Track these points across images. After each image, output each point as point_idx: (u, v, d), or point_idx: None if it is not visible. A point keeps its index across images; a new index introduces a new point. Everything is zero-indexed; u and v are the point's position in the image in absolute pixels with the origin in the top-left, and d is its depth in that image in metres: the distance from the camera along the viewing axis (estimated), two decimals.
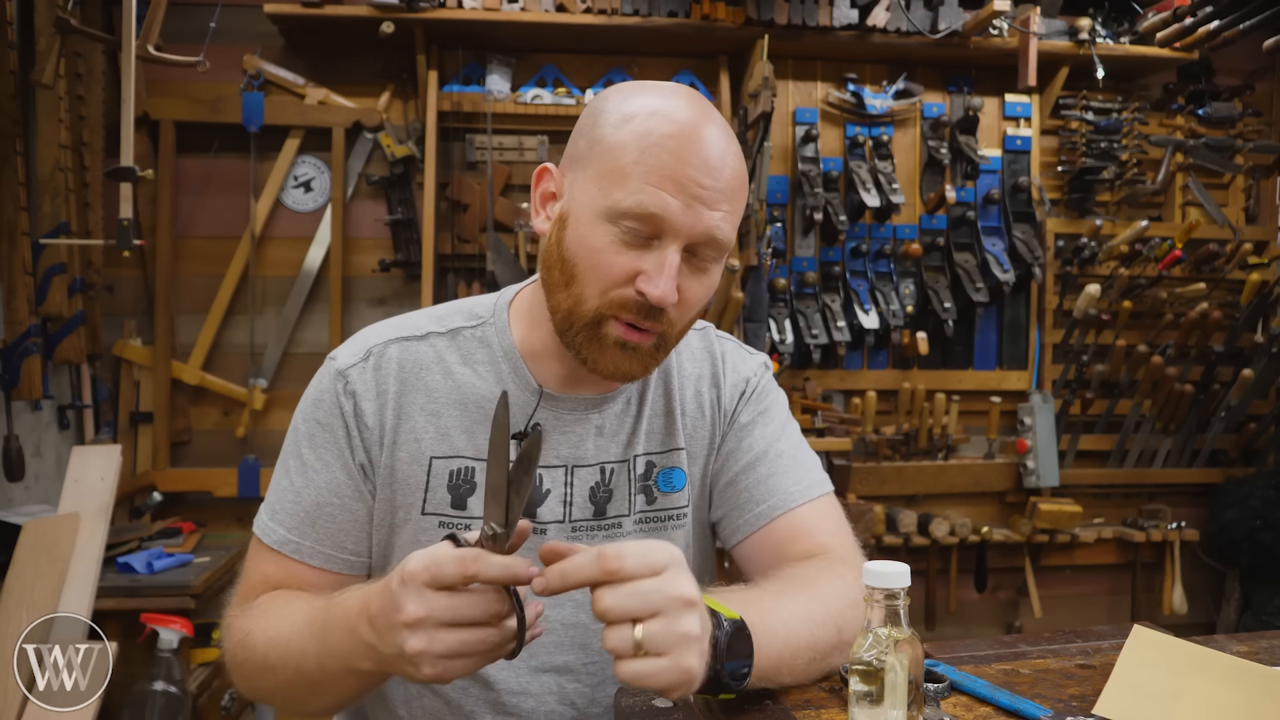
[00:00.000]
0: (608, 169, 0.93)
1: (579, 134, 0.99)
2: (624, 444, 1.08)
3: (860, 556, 1.04)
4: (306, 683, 0.90)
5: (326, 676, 0.87)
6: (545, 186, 1.01)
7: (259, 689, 0.99)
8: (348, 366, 1.03)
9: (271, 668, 0.93)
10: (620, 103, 0.96)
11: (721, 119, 0.97)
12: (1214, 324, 3.11)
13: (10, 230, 2.25)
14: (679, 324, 0.98)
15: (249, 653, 0.96)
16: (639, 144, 0.91)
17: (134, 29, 2.18)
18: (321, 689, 0.90)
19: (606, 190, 0.92)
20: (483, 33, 2.80)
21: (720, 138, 0.94)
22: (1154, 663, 0.92)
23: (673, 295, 0.92)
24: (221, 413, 2.90)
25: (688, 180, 0.91)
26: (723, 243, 0.95)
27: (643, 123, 0.92)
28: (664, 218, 0.91)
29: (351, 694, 0.91)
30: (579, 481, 1.06)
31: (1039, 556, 3.19)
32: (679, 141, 0.91)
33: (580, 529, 1.05)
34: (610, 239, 0.92)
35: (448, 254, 2.87)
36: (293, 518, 1.02)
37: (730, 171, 0.94)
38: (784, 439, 1.12)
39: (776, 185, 3.00)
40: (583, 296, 0.94)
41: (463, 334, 1.07)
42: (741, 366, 1.15)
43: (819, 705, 0.90)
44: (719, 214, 0.93)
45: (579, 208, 0.95)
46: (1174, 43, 2.93)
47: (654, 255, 0.92)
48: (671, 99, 0.95)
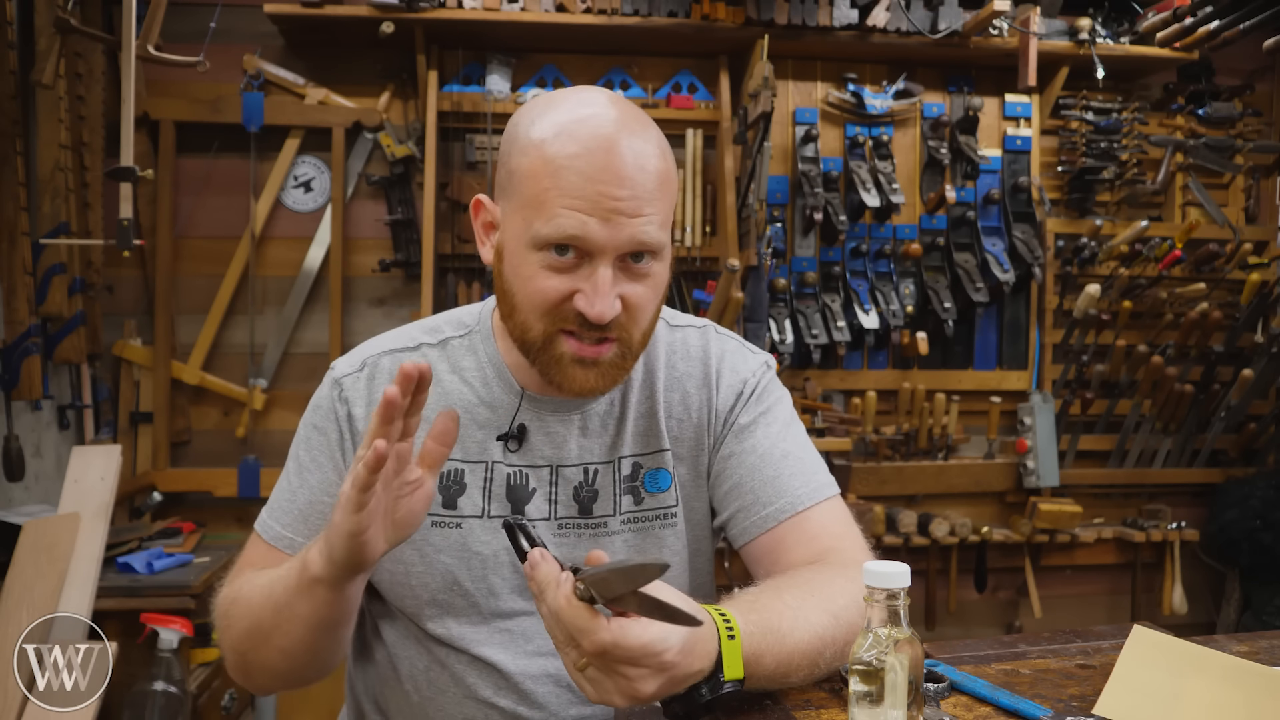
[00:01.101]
0: (525, 199, 0.95)
1: (500, 162, 1.01)
2: (609, 445, 1.09)
3: (870, 559, 1.04)
4: (271, 611, 0.95)
5: (287, 597, 0.93)
6: (483, 218, 1.05)
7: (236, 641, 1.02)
8: (343, 375, 1.10)
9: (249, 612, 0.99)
10: (529, 126, 0.97)
11: (638, 117, 0.97)
12: (1214, 324, 3.11)
13: (10, 230, 2.25)
14: (637, 330, 0.99)
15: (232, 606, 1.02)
16: (547, 169, 0.93)
17: (134, 29, 2.18)
18: (282, 615, 0.95)
19: (528, 220, 0.94)
20: (483, 33, 2.80)
21: (632, 143, 0.94)
22: (1154, 663, 0.92)
23: (611, 310, 0.94)
24: (221, 413, 2.90)
25: (601, 197, 0.92)
26: (654, 245, 0.96)
27: (549, 146, 0.94)
28: (586, 238, 0.92)
29: (308, 619, 0.94)
30: (563, 481, 1.08)
31: (1039, 556, 3.19)
32: (586, 160, 0.92)
33: (567, 527, 1.07)
34: (541, 265, 0.95)
35: (448, 254, 2.87)
36: (288, 515, 1.07)
37: (647, 175, 0.94)
38: (789, 439, 1.12)
39: (776, 185, 3.00)
40: (527, 324, 0.98)
41: (451, 344, 1.11)
42: (741, 367, 1.14)
43: (819, 705, 0.90)
44: (642, 220, 0.94)
45: (510, 239, 0.98)
46: (1174, 43, 2.93)
47: (585, 273, 0.94)
48: (578, 109, 0.96)
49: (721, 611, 0.85)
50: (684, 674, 0.79)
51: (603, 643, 0.74)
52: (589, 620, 0.75)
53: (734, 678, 0.83)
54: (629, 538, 1.09)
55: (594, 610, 0.76)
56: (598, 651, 0.75)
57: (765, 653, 0.86)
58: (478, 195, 1.05)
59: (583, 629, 0.75)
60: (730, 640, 0.83)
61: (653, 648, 0.75)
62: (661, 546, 1.10)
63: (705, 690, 0.82)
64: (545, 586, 0.78)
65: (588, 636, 0.75)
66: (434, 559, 1.05)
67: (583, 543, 1.08)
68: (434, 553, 1.06)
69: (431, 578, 1.05)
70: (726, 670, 0.82)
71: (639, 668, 0.76)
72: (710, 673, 0.82)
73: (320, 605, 0.92)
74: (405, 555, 1.06)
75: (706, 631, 0.82)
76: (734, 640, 0.83)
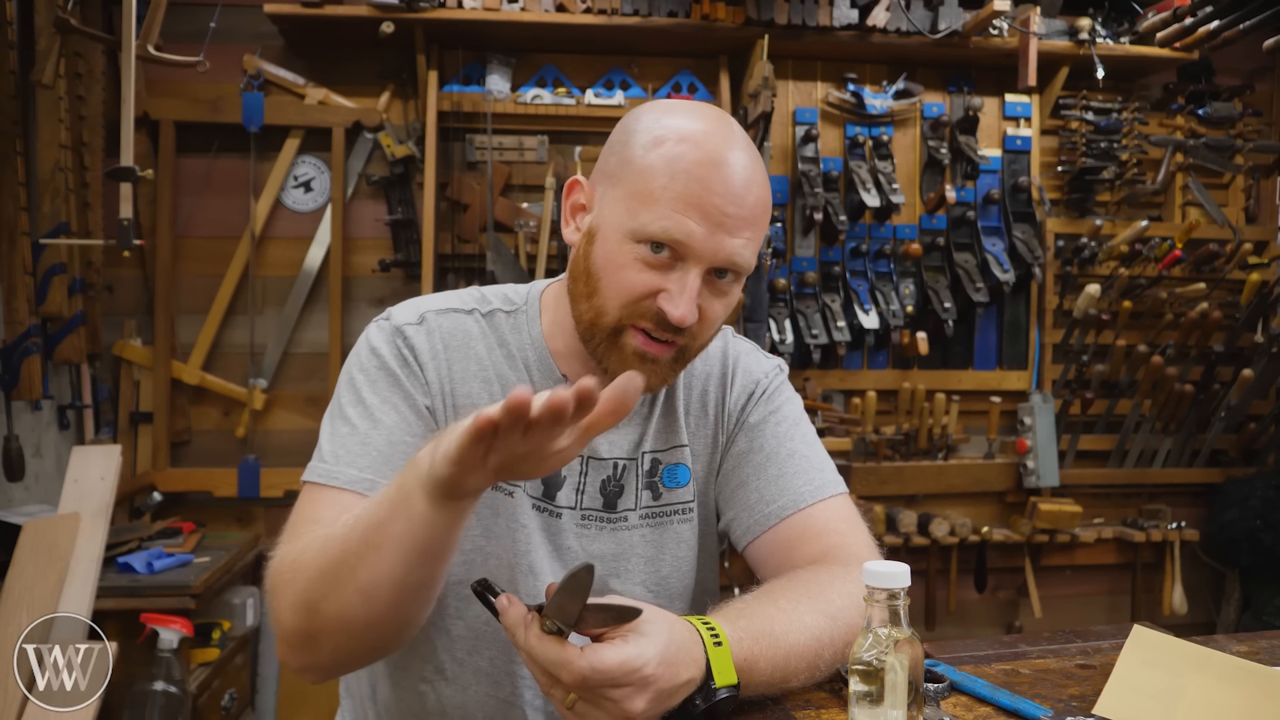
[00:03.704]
0: (636, 191, 0.96)
1: (610, 150, 1.02)
2: (634, 441, 1.11)
3: (876, 555, 1.04)
4: (359, 539, 0.83)
5: (380, 516, 0.82)
6: (575, 198, 1.05)
7: (305, 589, 0.87)
8: (404, 323, 1.06)
9: (325, 551, 0.86)
10: (652, 124, 0.99)
11: (749, 144, 1.00)
12: (1214, 324, 3.11)
13: (10, 230, 2.25)
14: (699, 340, 1.02)
15: (300, 556, 0.89)
16: (668, 169, 0.95)
17: (134, 29, 2.18)
18: (371, 540, 0.82)
19: (634, 212, 0.96)
20: (483, 33, 2.80)
21: (747, 165, 0.97)
22: (1154, 663, 0.92)
23: (692, 316, 0.96)
24: (221, 413, 2.90)
25: (712, 208, 0.94)
26: (743, 267, 0.99)
27: (673, 148, 0.96)
28: (688, 243, 0.94)
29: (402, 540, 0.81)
30: (592, 473, 1.09)
31: (1039, 556, 3.19)
32: (706, 169, 0.94)
33: (590, 518, 1.08)
34: (635, 257, 0.96)
35: (448, 254, 2.87)
36: (363, 459, 0.98)
37: (754, 199, 0.97)
38: (796, 439, 1.13)
39: (776, 185, 3.00)
40: (605, 309, 0.98)
41: (497, 317, 1.11)
42: (754, 368, 1.17)
43: (819, 705, 0.90)
44: (740, 240, 0.96)
45: (607, 225, 0.99)
46: (1174, 43, 2.93)
47: (676, 276, 0.96)
48: (703, 123, 0.98)
49: (705, 620, 0.86)
50: (671, 686, 0.79)
51: (580, 671, 0.74)
52: (560, 651, 0.75)
53: (727, 684, 0.83)
54: (646, 533, 1.10)
55: (564, 642, 0.76)
56: (577, 681, 0.75)
57: (759, 657, 0.86)
58: (575, 176, 1.06)
59: (557, 661, 0.75)
60: (717, 647, 0.83)
61: (630, 664, 0.75)
62: (679, 542, 1.11)
63: (699, 700, 0.82)
64: (514, 630, 0.78)
65: (564, 669, 0.75)
66: (491, 523, 1.04)
67: (603, 535, 1.08)
68: (491, 516, 1.04)
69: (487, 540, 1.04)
70: (717, 677, 0.82)
71: (622, 688, 0.75)
72: (702, 682, 0.82)
73: (417, 523, 0.79)
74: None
75: (689, 641, 0.82)
76: (721, 647, 0.83)
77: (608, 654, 0.75)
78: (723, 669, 0.83)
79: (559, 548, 1.07)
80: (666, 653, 0.78)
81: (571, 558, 1.07)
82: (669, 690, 0.79)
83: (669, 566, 1.11)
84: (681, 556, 1.12)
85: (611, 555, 1.09)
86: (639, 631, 0.78)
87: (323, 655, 0.90)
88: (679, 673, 0.79)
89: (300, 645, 0.89)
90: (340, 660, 0.93)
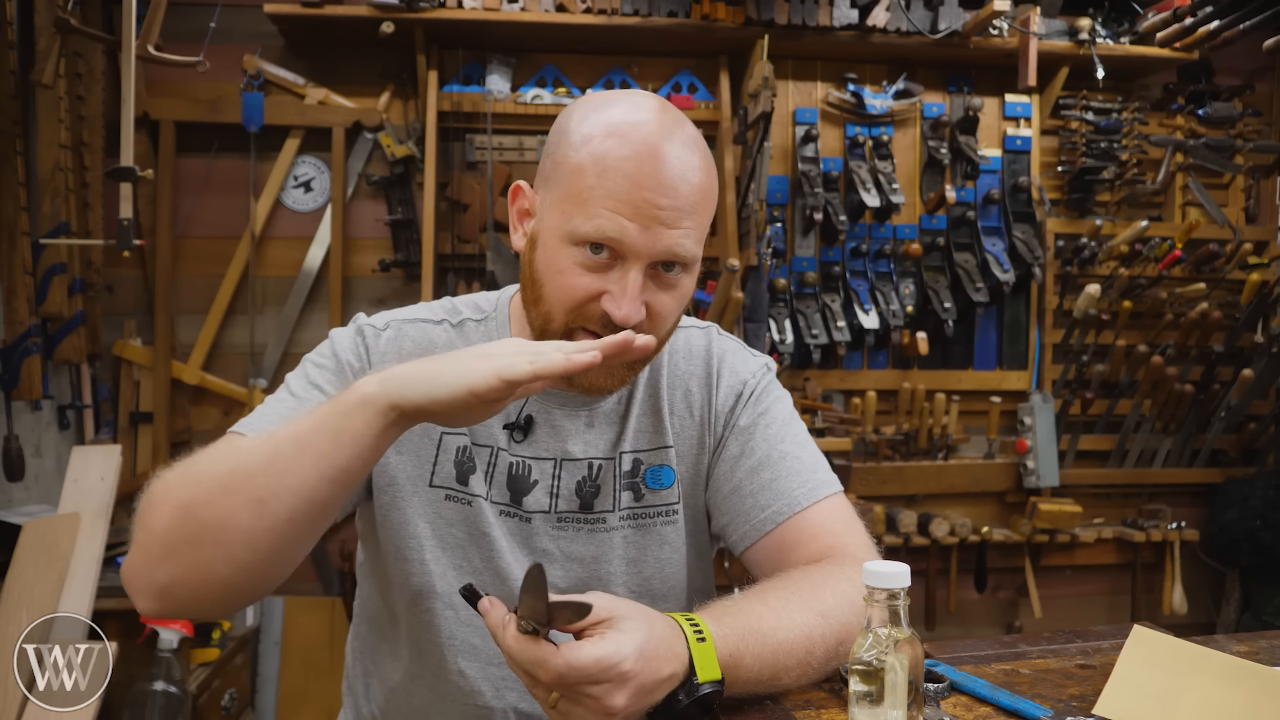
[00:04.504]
0: (568, 193, 0.95)
1: (546, 152, 1.02)
2: (612, 441, 1.09)
3: (873, 554, 1.04)
4: (267, 456, 0.82)
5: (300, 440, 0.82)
6: (520, 204, 1.05)
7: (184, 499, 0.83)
8: (368, 325, 1.08)
9: (224, 460, 0.84)
10: (580, 121, 0.98)
11: (686, 129, 0.98)
12: (1214, 324, 3.11)
13: (10, 230, 2.25)
14: (656, 336, 0.99)
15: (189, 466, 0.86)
16: (595, 168, 0.94)
17: (134, 29, 2.18)
18: (281, 458, 0.82)
19: (568, 215, 0.95)
20: (483, 33, 2.80)
21: (680, 154, 0.95)
22: (1154, 663, 0.92)
23: (636, 315, 0.95)
24: (221, 413, 2.90)
25: (644, 203, 0.93)
26: (687, 258, 0.97)
27: (599, 144, 0.94)
28: (622, 241, 0.93)
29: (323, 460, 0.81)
30: (566, 475, 1.08)
31: (1039, 556, 3.19)
32: (634, 164, 0.93)
33: (566, 521, 1.07)
34: (574, 261, 0.95)
35: (448, 254, 2.87)
36: (283, 419, 0.96)
37: (691, 187, 0.95)
38: (787, 440, 1.11)
39: (776, 185, 3.00)
40: (551, 315, 0.98)
41: (467, 326, 1.11)
42: (740, 368, 1.14)
43: (819, 705, 0.90)
44: (679, 231, 0.95)
45: (545, 230, 0.98)
46: (1174, 43, 2.93)
47: (617, 276, 0.95)
48: (632, 114, 0.96)
49: (689, 617, 0.85)
50: (652, 681, 0.79)
51: (557, 668, 0.74)
52: (538, 650, 0.75)
53: (710, 679, 0.82)
54: (628, 534, 1.09)
55: (541, 641, 0.76)
56: (555, 679, 0.75)
57: (745, 653, 0.85)
58: (517, 181, 1.05)
59: (535, 660, 0.75)
60: (700, 643, 0.83)
61: (606, 660, 0.75)
62: (662, 544, 1.10)
63: (683, 695, 0.82)
64: (495, 632, 0.78)
65: (542, 667, 0.75)
66: (446, 533, 1.05)
67: (580, 537, 1.07)
68: (446, 526, 1.05)
69: (444, 552, 1.05)
70: (700, 673, 0.82)
71: (600, 684, 0.75)
72: (685, 677, 0.82)
73: (347, 440, 0.81)
74: (418, 529, 1.05)
75: (669, 636, 0.81)
76: (705, 643, 0.83)
77: (584, 651, 0.75)
78: (706, 664, 0.82)
79: (535, 551, 1.07)
80: (645, 648, 0.77)
81: (549, 561, 1.07)
82: (650, 685, 0.78)
83: (651, 568, 1.10)
84: (665, 558, 1.10)
85: (591, 557, 1.08)
86: (617, 628, 0.77)
87: (175, 571, 0.83)
88: (659, 668, 0.79)
89: (157, 556, 0.83)
90: (191, 586, 0.84)
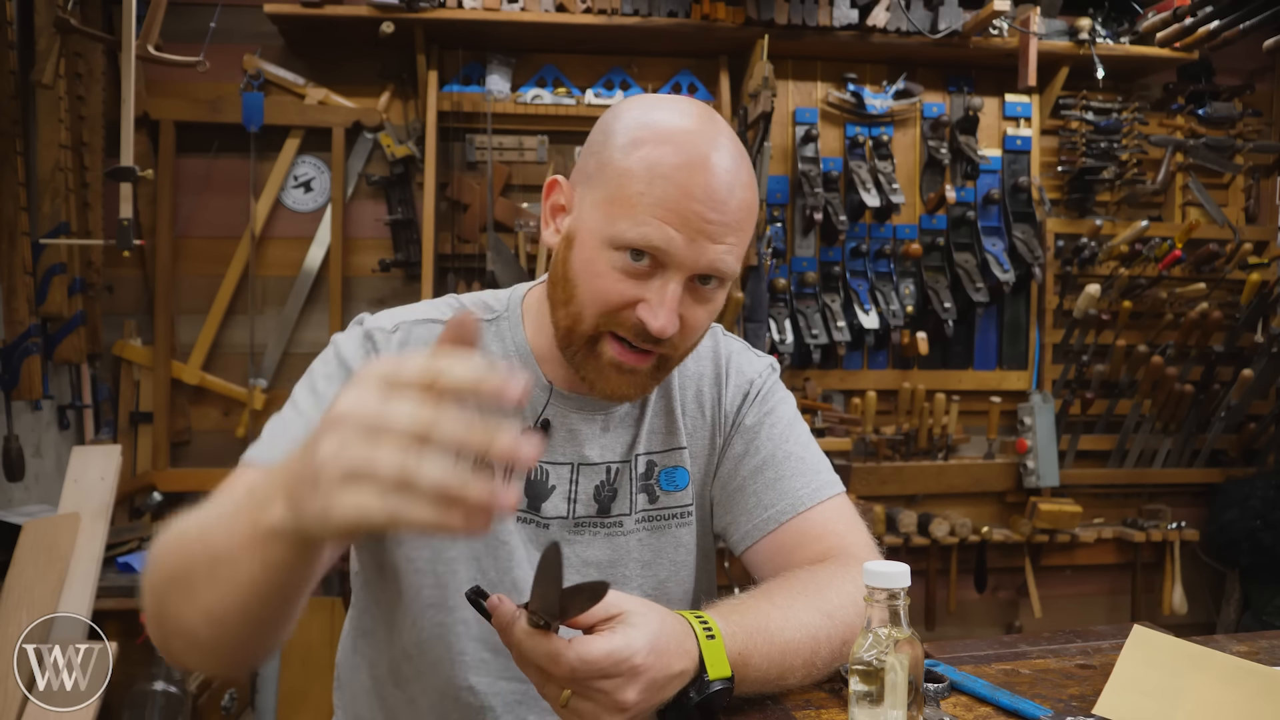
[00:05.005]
0: (614, 196, 0.92)
1: (589, 150, 0.98)
2: (627, 444, 1.08)
3: (876, 555, 1.03)
4: (205, 559, 0.72)
5: (230, 550, 0.69)
6: (555, 199, 1.01)
7: (157, 584, 0.79)
8: (375, 328, 1.03)
9: (180, 549, 0.77)
10: (631, 123, 0.95)
11: (734, 143, 0.95)
12: (1214, 324, 3.11)
13: (10, 230, 2.25)
14: (681, 348, 0.99)
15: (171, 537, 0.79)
16: (646, 174, 0.90)
17: (134, 29, 2.18)
18: (219, 570, 0.71)
19: (612, 218, 0.92)
20: (483, 33, 2.80)
21: (730, 167, 0.92)
22: (1154, 663, 0.92)
23: (673, 326, 0.92)
24: (221, 413, 2.90)
25: (692, 215, 0.90)
26: (727, 273, 0.94)
27: (651, 150, 0.91)
28: (667, 251, 0.90)
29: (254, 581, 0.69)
30: (584, 480, 1.06)
31: (1039, 556, 3.19)
32: (685, 173, 0.90)
33: (583, 525, 1.06)
34: (613, 265, 0.92)
35: (448, 254, 2.87)
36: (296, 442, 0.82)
37: (737, 202, 0.93)
38: (791, 440, 1.11)
39: (776, 185, 3.00)
40: (581, 316, 0.95)
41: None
42: (747, 368, 1.14)
43: (819, 705, 0.90)
44: (724, 247, 0.92)
45: (584, 230, 0.95)
46: (1174, 43, 2.93)
47: (656, 285, 0.92)
48: (684, 121, 0.93)
49: (699, 614, 0.85)
50: (664, 676, 0.78)
51: (569, 663, 0.73)
52: (549, 645, 0.74)
53: (720, 676, 0.82)
54: (643, 537, 1.08)
55: (551, 635, 0.75)
56: (567, 674, 0.74)
57: (754, 651, 0.85)
58: (555, 175, 1.01)
59: (546, 655, 0.74)
60: (710, 640, 0.83)
61: (618, 654, 0.74)
62: (677, 546, 1.09)
63: (693, 692, 0.82)
64: (504, 629, 0.77)
65: (554, 662, 0.74)
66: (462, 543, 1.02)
67: (598, 542, 1.06)
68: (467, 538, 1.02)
69: (461, 564, 1.01)
70: (711, 670, 0.82)
71: (612, 678, 0.75)
72: (695, 674, 0.82)
73: (274, 568, 0.67)
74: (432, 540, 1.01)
75: (680, 633, 0.81)
76: (714, 640, 0.83)
77: (595, 645, 0.74)
78: (716, 661, 0.82)
79: None
80: (656, 642, 0.77)
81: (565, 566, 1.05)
82: (661, 681, 0.78)
83: (666, 571, 1.09)
84: (680, 561, 1.10)
85: (608, 562, 1.06)
86: (628, 623, 0.77)
87: (175, 653, 0.82)
88: (670, 663, 0.79)
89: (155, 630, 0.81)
90: (195, 664, 0.86)
